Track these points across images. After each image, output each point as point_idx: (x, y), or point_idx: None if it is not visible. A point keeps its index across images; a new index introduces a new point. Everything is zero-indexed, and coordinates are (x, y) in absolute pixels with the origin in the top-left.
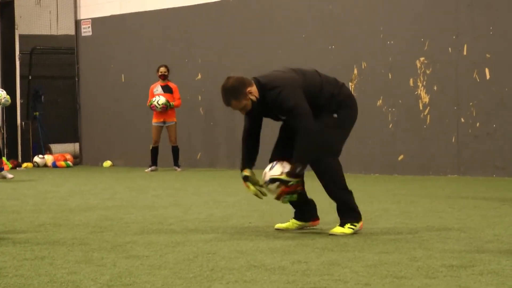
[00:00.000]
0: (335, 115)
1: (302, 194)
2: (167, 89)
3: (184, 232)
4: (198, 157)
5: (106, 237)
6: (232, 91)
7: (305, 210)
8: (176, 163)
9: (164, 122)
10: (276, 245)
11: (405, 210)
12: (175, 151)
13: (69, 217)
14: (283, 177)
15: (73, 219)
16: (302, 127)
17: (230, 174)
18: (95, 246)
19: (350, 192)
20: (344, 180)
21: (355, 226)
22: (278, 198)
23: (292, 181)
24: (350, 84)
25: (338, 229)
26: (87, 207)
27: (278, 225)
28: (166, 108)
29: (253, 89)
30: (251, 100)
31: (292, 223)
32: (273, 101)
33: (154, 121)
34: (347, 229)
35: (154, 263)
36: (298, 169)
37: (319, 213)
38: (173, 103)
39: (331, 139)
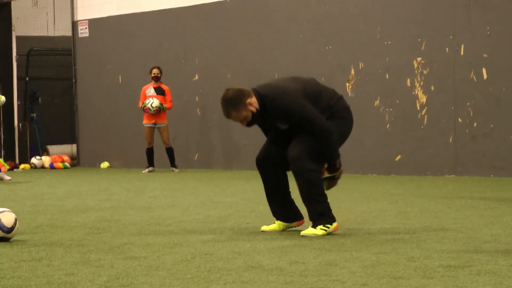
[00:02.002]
0: None
1: (286, 195)
2: (159, 91)
3: (182, 233)
4: (195, 158)
5: (103, 238)
6: (232, 103)
7: (289, 212)
8: (173, 164)
9: (155, 124)
10: (274, 245)
11: (403, 210)
12: (170, 152)
13: (66, 219)
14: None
15: (71, 220)
16: (318, 130)
17: (227, 175)
18: (93, 247)
19: (325, 197)
20: (321, 185)
21: (328, 227)
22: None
23: (336, 173)
24: (347, 84)
25: (309, 231)
26: (85, 208)
27: (264, 227)
28: (159, 111)
29: (253, 100)
30: (251, 111)
31: (278, 224)
32: (275, 110)
33: (145, 123)
34: (319, 230)
35: (152, 264)
36: (337, 164)
37: None
38: (165, 105)
39: (316, 145)
